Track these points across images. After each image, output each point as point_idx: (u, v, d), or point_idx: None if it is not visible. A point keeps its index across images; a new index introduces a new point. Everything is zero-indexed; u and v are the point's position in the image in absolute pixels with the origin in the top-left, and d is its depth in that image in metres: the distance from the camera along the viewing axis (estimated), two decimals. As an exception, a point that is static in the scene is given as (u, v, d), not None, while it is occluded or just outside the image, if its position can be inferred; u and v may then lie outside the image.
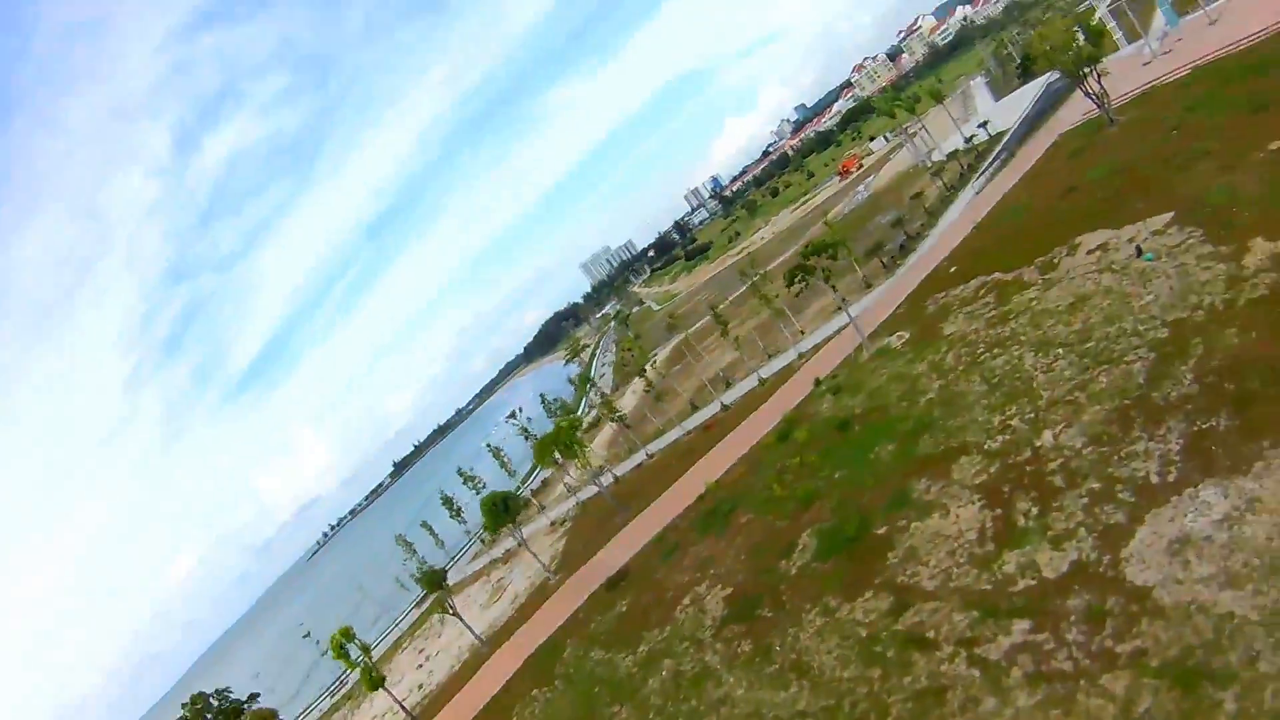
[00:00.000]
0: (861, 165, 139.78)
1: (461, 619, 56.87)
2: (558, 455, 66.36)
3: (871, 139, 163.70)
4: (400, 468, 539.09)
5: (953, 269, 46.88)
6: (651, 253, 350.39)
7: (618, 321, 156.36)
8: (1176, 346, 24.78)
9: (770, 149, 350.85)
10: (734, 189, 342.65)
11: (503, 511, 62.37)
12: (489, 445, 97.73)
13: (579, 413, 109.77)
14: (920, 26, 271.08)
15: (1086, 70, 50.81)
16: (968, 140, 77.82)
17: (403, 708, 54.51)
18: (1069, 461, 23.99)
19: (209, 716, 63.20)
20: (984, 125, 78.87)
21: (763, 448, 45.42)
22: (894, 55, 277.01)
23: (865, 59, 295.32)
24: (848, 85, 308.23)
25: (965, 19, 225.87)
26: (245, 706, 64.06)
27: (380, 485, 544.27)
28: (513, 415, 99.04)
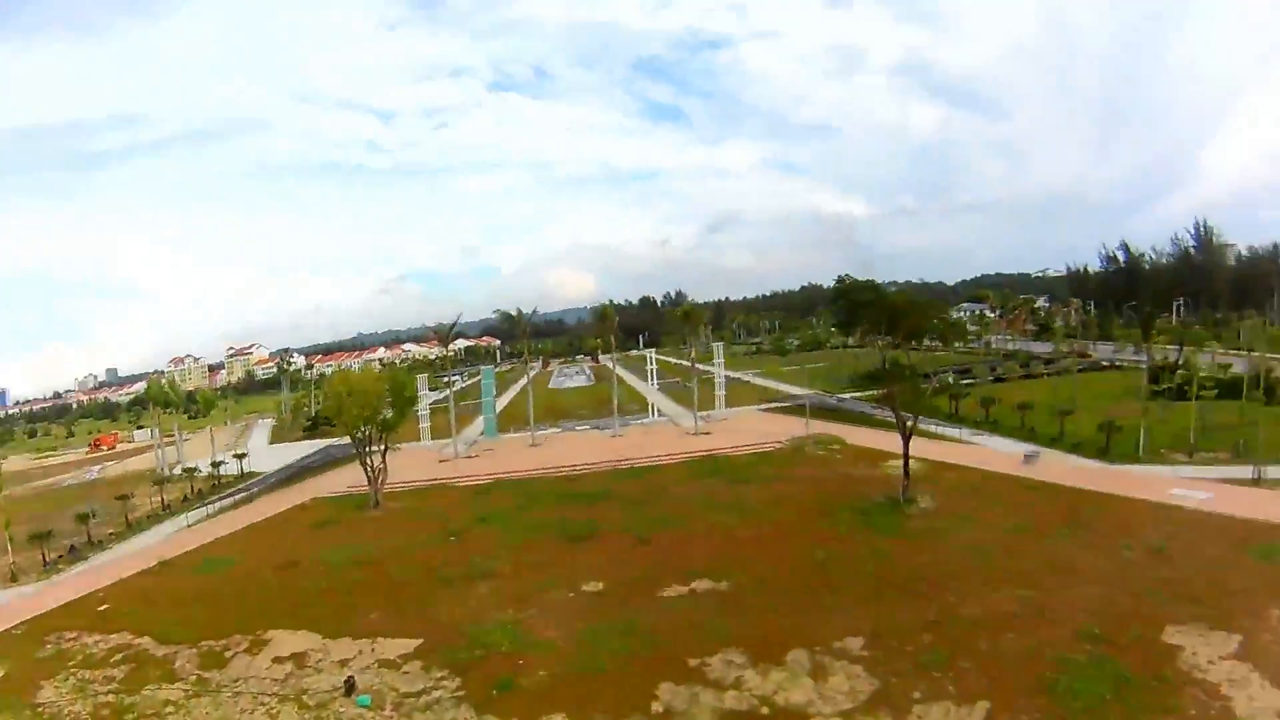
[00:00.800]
0: (116, 447, 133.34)
1: None
2: None
3: (141, 428, 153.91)
4: None
5: (104, 606, 31.15)
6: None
7: None
8: None
9: (65, 394, 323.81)
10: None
11: None
12: None
13: None
14: (252, 352, 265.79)
15: (375, 448, 43.99)
16: (214, 465, 66.90)
17: None
18: None
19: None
20: (240, 457, 69.41)
21: None
22: (215, 367, 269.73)
23: (187, 356, 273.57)
24: (160, 372, 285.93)
25: (289, 364, 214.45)
26: None
27: None
28: None
